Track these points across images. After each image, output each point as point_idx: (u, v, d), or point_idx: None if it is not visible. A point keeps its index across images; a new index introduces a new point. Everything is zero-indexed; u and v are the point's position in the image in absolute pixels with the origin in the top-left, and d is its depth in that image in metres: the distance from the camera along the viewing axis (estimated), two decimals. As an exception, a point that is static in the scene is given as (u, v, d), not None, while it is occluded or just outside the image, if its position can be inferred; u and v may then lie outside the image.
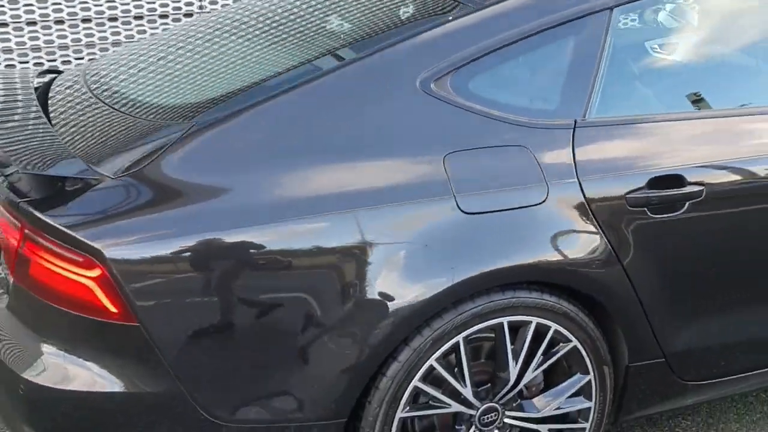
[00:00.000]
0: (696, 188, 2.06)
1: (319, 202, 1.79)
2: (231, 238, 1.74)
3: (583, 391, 2.13)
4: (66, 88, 2.31)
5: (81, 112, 2.11)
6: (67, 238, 1.69)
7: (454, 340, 1.92)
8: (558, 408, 2.12)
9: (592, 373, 2.11)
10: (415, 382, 1.91)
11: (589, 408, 2.15)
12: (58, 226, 1.69)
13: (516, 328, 2.00)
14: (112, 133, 1.96)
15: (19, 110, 2.10)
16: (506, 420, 2.09)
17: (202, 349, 1.76)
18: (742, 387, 2.41)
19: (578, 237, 1.97)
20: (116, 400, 1.76)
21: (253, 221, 1.75)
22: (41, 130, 1.97)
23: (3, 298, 2.03)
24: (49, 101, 2.22)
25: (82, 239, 1.67)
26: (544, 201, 1.93)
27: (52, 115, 2.11)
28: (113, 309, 1.70)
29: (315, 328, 1.79)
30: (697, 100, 2.21)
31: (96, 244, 1.67)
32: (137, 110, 2.04)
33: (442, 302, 1.86)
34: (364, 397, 1.89)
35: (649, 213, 2.03)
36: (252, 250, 1.75)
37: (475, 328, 1.93)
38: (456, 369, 1.97)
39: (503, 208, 1.90)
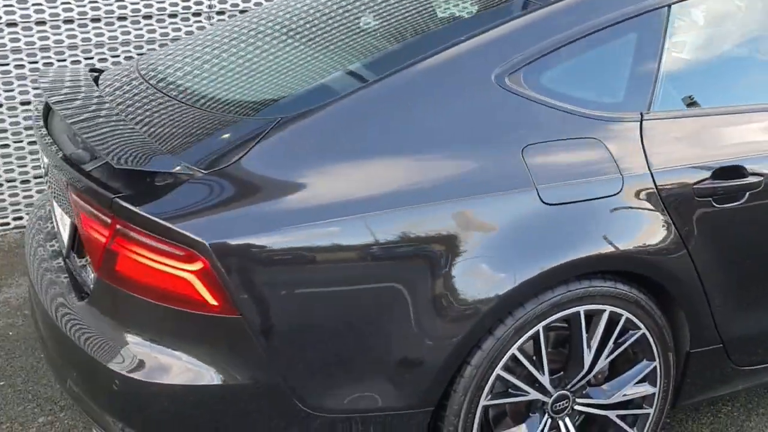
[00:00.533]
0: (755, 179, 2.13)
1: (406, 194, 1.82)
2: (326, 229, 1.76)
3: (648, 378, 2.19)
4: (120, 85, 2.31)
5: (150, 108, 2.11)
6: (169, 232, 1.70)
7: (534, 330, 1.96)
8: (624, 394, 2.18)
9: (657, 360, 2.17)
10: (498, 370, 1.95)
11: (654, 394, 2.21)
12: (159, 220, 1.70)
13: (589, 317, 2.05)
14: (191, 129, 1.97)
15: (92, 107, 2.10)
16: (576, 407, 2.14)
17: (301, 340, 1.78)
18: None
19: (651, 226, 2.03)
20: (214, 392, 1.77)
21: (346, 213, 1.78)
22: (122, 127, 1.97)
23: (71, 296, 2.03)
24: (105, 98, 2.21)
25: (186, 233, 1.68)
26: (619, 191, 1.98)
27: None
28: (213, 302, 1.72)
29: (407, 319, 1.82)
30: (753, 93, 2.29)
31: (200, 238, 1.68)
32: (210, 105, 2.05)
33: (526, 292, 1.90)
34: (449, 386, 1.93)
35: (714, 203, 2.10)
36: (346, 242, 1.78)
37: (554, 317, 1.98)
38: (534, 357, 2.02)
39: (581, 199, 1.95)
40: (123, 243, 1.79)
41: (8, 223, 4.20)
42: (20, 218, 4.19)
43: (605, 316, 2.05)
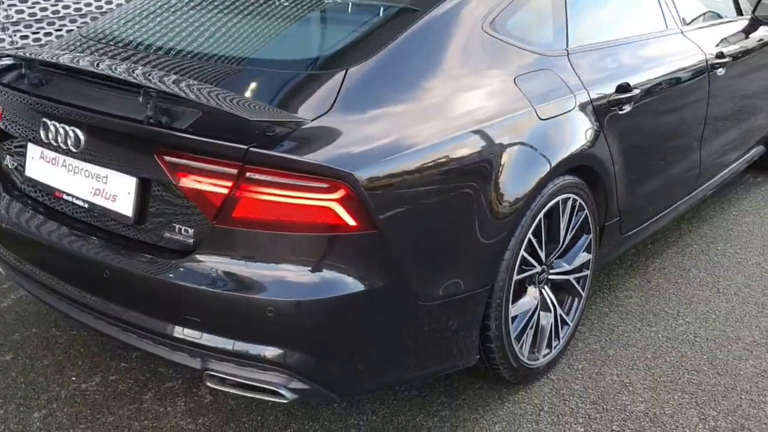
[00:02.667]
0: (635, 92, 2.96)
1: (458, 122, 2.29)
2: (418, 154, 2.16)
3: (587, 248, 2.93)
4: (139, 56, 2.40)
5: (215, 74, 2.26)
6: (313, 168, 1.98)
7: (539, 217, 2.57)
8: (576, 262, 2.90)
9: (593, 233, 2.92)
10: (522, 251, 2.53)
11: (590, 260, 2.96)
12: (306, 159, 1.97)
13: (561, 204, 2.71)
14: (274, 87, 2.21)
15: (159, 72, 2.22)
16: (549, 276, 2.81)
17: (419, 244, 2.17)
18: (644, 234, 3.44)
19: (592, 130, 2.75)
20: (357, 299, 2.07)
21: (431, 141, 2.19)
22: (211, 87, 2.15)
23: (158, 260, 2.17)
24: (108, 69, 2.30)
25: (333, 167, 1.98)
26: (575, 106, 2.67)
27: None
28: (353, 222, 2.04)
29: (477, 220, 2.31)
30: (631, 28, 3.15)
31: (346, 169, 1.99)
32: (284, 65, 2.29)
33: (537, 189, 2.49)
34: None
35: (618, 111, 2.89)
36: (435, 161, 2.19)
37: (548, 206, 2.60)
38: (536, 239, 2.63)
39: (560, 113, 2.60)
40: (250, 188, 2.01)
41: None
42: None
43: (570, 203, 2.74)
